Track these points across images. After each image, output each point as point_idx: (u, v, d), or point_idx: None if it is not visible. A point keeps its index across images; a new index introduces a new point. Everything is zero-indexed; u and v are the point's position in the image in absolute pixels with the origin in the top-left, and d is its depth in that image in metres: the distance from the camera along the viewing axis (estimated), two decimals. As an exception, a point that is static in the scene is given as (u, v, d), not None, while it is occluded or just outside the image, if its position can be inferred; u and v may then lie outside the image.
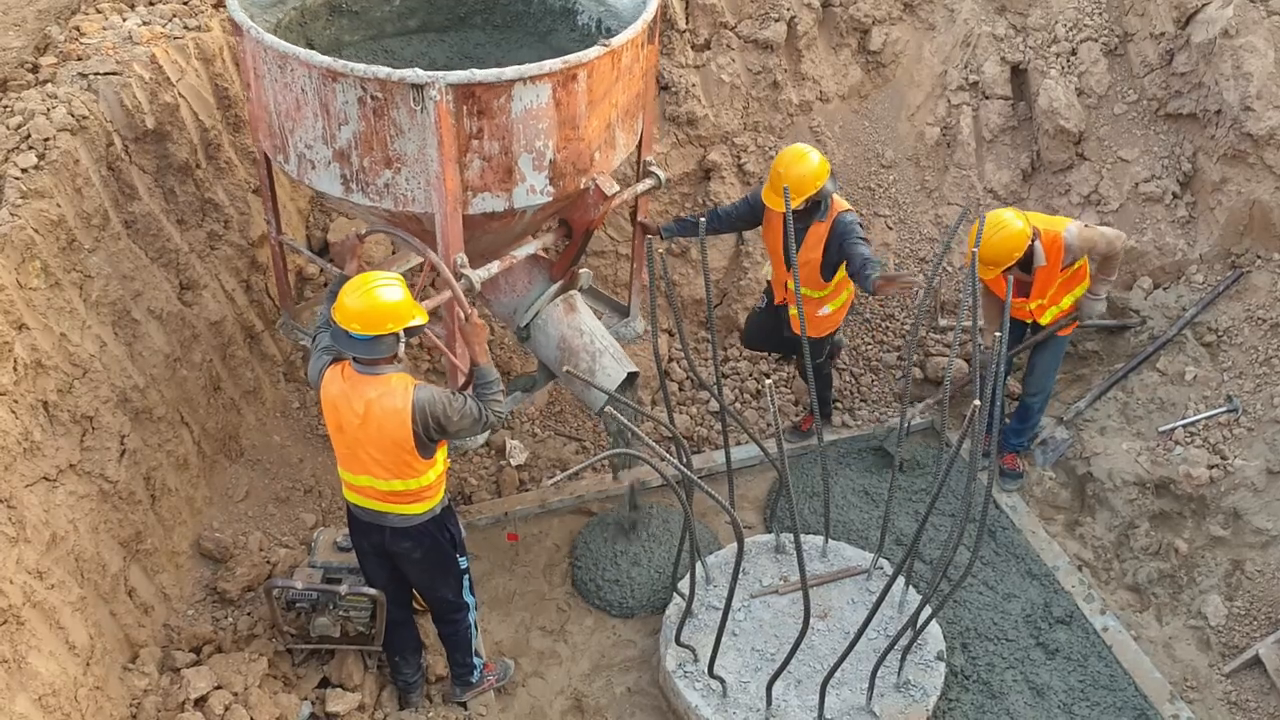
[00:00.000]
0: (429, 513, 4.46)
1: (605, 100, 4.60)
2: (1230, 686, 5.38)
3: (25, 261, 4.55)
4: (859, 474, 6.57)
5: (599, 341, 5.28)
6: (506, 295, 5.35)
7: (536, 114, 4.34)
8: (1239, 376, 6.11)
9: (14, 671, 3.93)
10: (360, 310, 4.03)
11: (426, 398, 4.13)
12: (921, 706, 5.04)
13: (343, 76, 4.18)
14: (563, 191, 4.67)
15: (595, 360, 5.23)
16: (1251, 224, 6.37)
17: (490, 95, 4.20)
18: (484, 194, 4.48)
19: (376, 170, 4.41)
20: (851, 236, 5.54)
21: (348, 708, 4.92)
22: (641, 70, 4.94)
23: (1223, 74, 6.35)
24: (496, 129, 4.30)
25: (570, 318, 5.31)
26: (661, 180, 5.40)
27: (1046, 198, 7.17)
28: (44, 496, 4.44)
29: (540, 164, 4.51)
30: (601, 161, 4.79)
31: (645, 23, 4.78)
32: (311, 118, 4.40)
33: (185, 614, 5.17)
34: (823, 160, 5.55)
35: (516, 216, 4.72)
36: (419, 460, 4.25)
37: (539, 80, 4.26)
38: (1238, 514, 5.65)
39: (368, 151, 4.37)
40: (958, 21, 7.30)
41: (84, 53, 5.34)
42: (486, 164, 4.39)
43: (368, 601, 4.78)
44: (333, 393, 4.23)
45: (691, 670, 5.18)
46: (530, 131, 4.38)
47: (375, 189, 4.47)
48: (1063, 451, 6.45)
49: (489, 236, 4.86)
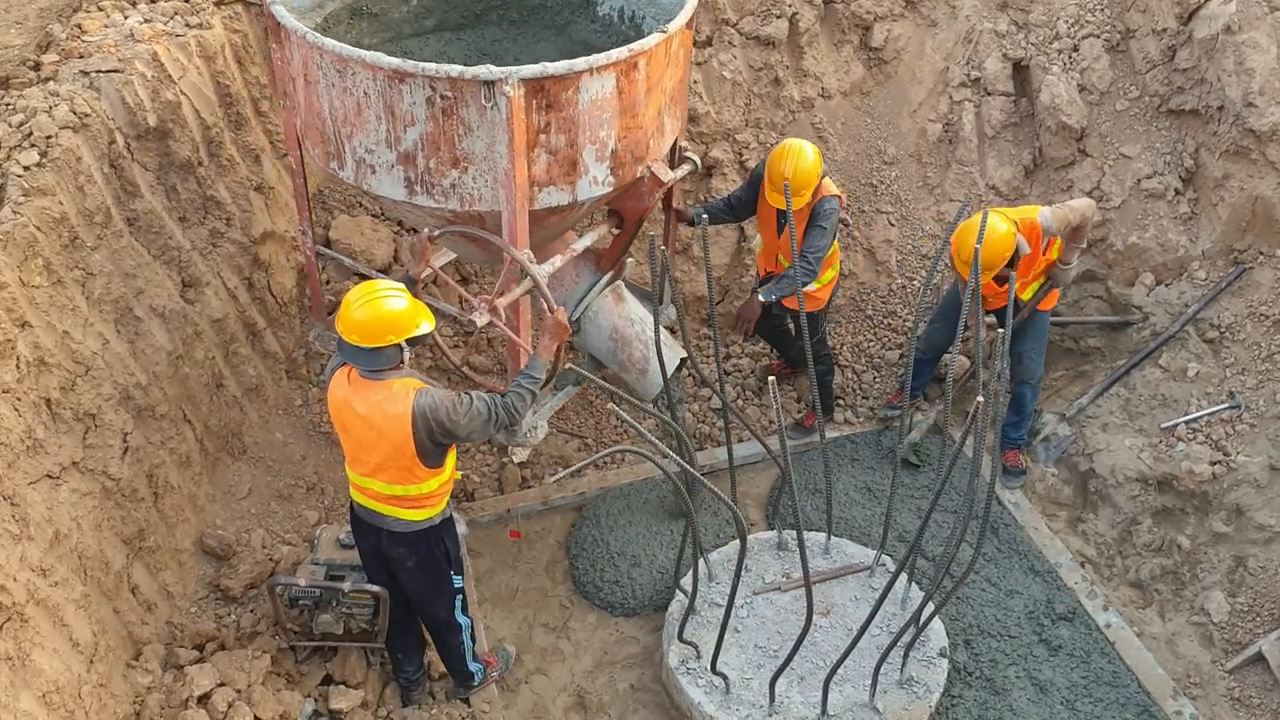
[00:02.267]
0: (427, 521, 4.43)
1: (659, 87, 4.66)
2: (1233, 683, 5.38)
3: (28, 259, 4.54)
4: (861, 470, 6.56)
5: (650, 330, 5.27)
6: (555, 290, 5.32)
7: (601, 104, 4.37)
8: (1241, 373, 6.10)
9: (18, 669, 3.94)
10: (361, 322, 4.01)
11: (427, 403, 4.08)
12: (924, 703, 5.05)
13: (411, 77, 4.12)
14: (622, 180, 4.72)
15: (649, 348, 5.31)
16: (1254, 220, 6.36)
17: (559, 88, 4.20)
18: (549, 188, 4.48)
19: (443, 171, 4.37)
20: (820, 221, 5.68)
21: (351, 705, 4.93)
22: (685, 55, 4.98)
23: (1225, 70, 6.34)
24: (564, 121, 4.31)
25: (620, 308, 5.41)
26: (698, 165, 5.47)
27: (1048, 194, 7.17)
28: (47, 494, 4.45)
29: (603, 154, 4.55)
30: (655, 148, 4.83)
31: (694, 4, 4.82)
32: (374, 120, 4.33)
33: (188, 611, 5.17)
34: (817, 153, 5.64)
35: (574, 209, 4.75)
36: (420, 468, 4.22)
37: (605, 70, 4.29)
38: (1240, 510, 5.65)
39: (434, 152, 4.32)
40: (959, 18, 7.30)
41: (86, 50, 5.34)
42: (553, 157, 4.39)
43: (370, 599, 4.78)
44: (338, 396, 4.22)
45: (694, 667, 5.18)
46: (595, 122, 4.41)
47: (441, 190, 4.43)
48: (1065, 448, 6.45)
49: (543, 232, 4.87)
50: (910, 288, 7.26)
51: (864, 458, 6.63)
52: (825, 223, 5.68)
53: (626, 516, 6.14)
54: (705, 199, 7.11)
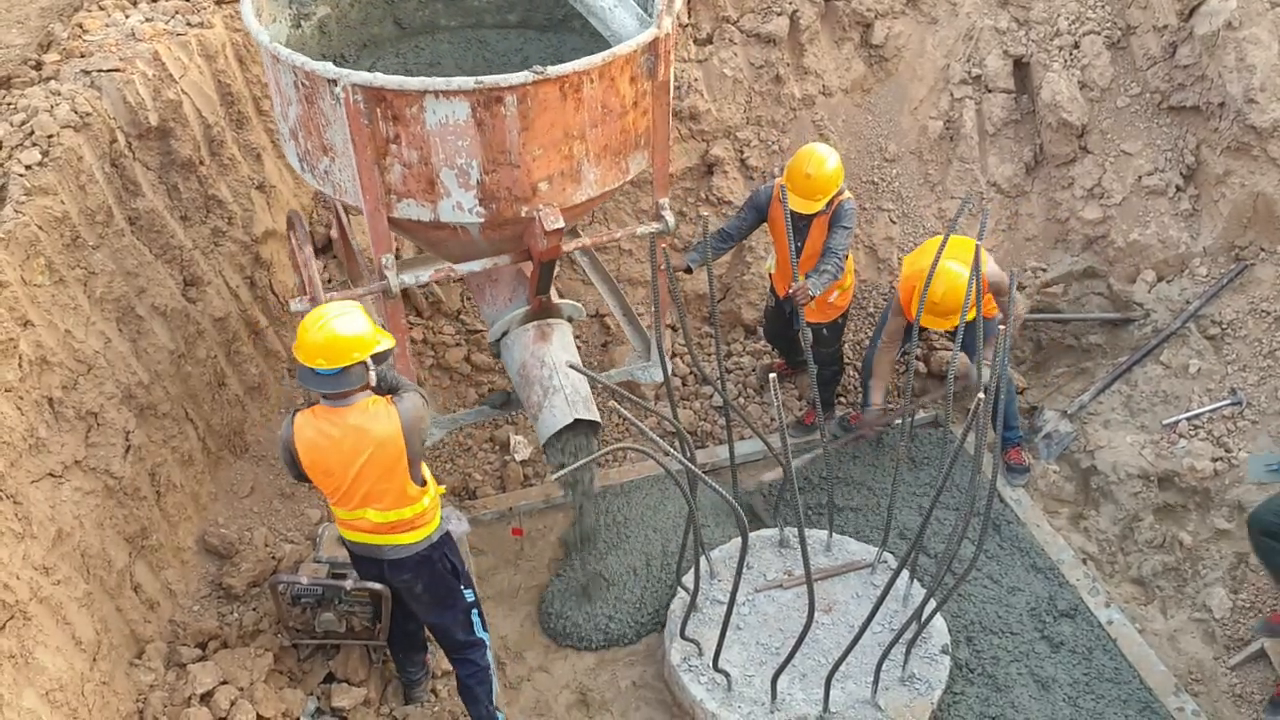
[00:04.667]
0: (425, 540, 4.37)
1: (555, 130, 4.30)
2: (1235, 679, 5.38)
3: (30, 258, 4.55)
4: (863, 468, 6.56)
5: (559, 379, 4.90)
6: (489, 307, 5.24)
7: (455, 130, 4.18)
8: (1243, 369, 6.10)
9: (21, 667, 3.94)
10: (321, 344, 3.93)
11: (410, 406, 4.08)
12: (926, 700, 5.05)
13: (280, 62, 4.35)
14: (498, 215, 4.45)
15: (547, 397, 4.88)
16: (1255, 216, 6.36)
17: (402, 102, 4.10)
18: (408, 200, 4.39)
19: (318, 155, 4.54)
20: (842, 221, 5.71)
21: (353, 702, 4.94)
22: (633, 106, 4.54)
23: (1226, 66, 6.34)
24: (413, 138, 4.20)
25: (537, 346, 5.01)
26: (670, 226, 4.97)
27: (1049, 191, 7.17)
28: (49, 492, 4.45)
29: (465, 182, 4.34)
30: (551, 193, 4.46)
31: (615, 56, 4.31)
32: (276, 96, 4.69)
33: (191, 609, 5.18)
34: (839, 159, 5.65)
35: (458, 231, 4.59)
36: (412, 485, 4.19)
37: (453, 96, 4.09)
38: (1242, 507, 5.64)
39: (309, 134, 4.51)
40: (960, 15, 7.29)
41: (87, 50, 5.34)
42: (408, 170, 4.30)
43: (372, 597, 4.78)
44: (307, 437, 4.07)
45: (696, 664, 5.18)
46: (450, 148, 4.23)
47: (318, 173, 4.62)
48: (1066, 445, 6.45)
49: (454, 245, 4.78)
50: (911, 285, 7.26)
51: (864, 455, 6.62)
52: (848, 223, 5.72)
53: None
54: (705, 197, 7.12)
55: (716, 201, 7.12)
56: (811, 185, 5.56)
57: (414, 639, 5.00)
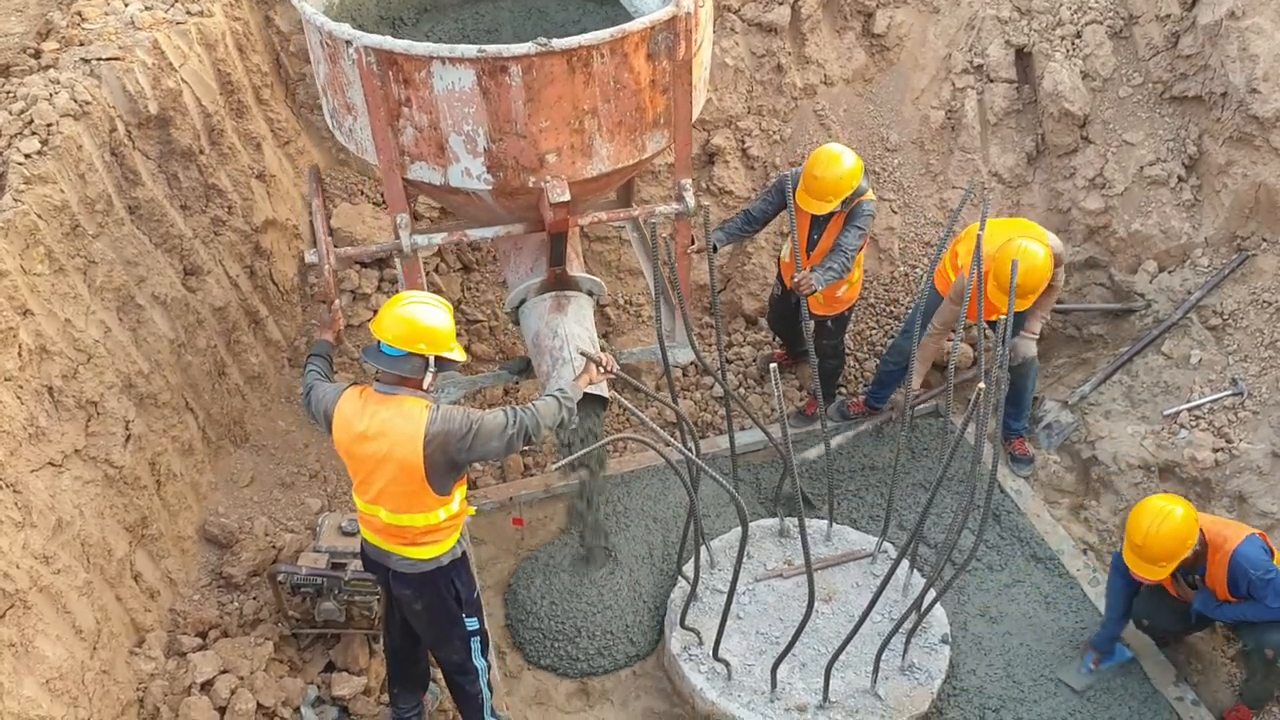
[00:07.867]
0: (434, 561, 4.18)
1: (563, 103, 4.34)
2: (1235, 669, 5.38)
3: (29, 247, 4.55)
4: (863, 458, 6.56)
5: (569, 351, 4.88)
6: (512, 274, 5.33)
7: (461, 97, 4.26)
8: (1244, 360, 6.09)
9: (21, 655, 3.95)
10: (400, 319, 3.89)
11: (443, 415, 3.90)
12: (926, 689, 5.05)
13: (309, 23, 4.54)
14: (505, 183, 4.51)
15: (555, 368, 4.88)
16: (1257, 207, 6.34)
17: (411, 66, 4.24)
18: (420, 163, 4.55)
19: (344, 113, 4.73)
20: (856, 221, 5.70)
21: (353, 691, 4.94)
22: (650, 84, 4.53)
23: (1229, 56, 6.31)
24: (423, 102, 4.32)
25: (552, 316, 5.04)
26: (690, 208, 4.97)
27: (1051, 181, 7.15)
28: (50, 481, 4.45)
29: (473, 149, 4.42)
30: (560, 165, 4.50)
31: (626, 32, 4.30)
32: (312, 56, 4.91)
33: (191, 599, 5.19)
34: (857, 161, 5.62)
35: (472, 197, 4.68)
36: (429, 493, 4.00)
37: (458, 64, 4.17)
38: (1243, 497, 5.64)
39: (335, 92, 4.69)
40: (962, 4, 7.26)
41: (86, 38, 5.33)
42: (419, 134, 4.43)
43: (372, 585, 4.79)
44: (346, 412, 4.02)
45: (696, 653, 5.19)
46: (457, 114, 4.33)
47: (345, 130, 4.81)
48: (1067, 435, 6.45)
49: (472, 210, 4.94)
50: (913, 275, 7.25)
51: (865, 444, 6.62)
52: (862, 224, 5.71)
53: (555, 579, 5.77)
54: (707, 187, 7.10)
55: (718, 191, 7.11)
56: (820, 186, 5.56)
57: (416, 668, 4.76)
